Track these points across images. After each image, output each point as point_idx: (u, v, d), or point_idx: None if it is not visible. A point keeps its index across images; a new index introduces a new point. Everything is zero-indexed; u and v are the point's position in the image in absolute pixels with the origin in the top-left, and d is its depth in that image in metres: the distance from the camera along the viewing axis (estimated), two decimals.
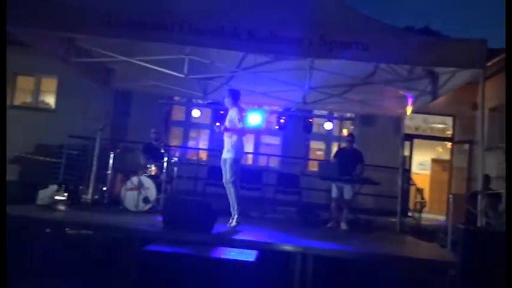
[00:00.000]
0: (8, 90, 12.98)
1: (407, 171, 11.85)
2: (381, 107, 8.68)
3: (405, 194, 10.81)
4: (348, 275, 5.64)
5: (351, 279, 5.60)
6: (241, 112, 6.71)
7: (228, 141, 6.67)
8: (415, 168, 14.92)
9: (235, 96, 6.87)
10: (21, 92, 13.68)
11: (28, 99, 13.68)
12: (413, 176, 13.07)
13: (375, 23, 5.94)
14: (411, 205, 12.12)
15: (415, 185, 11.74)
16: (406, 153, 12.80)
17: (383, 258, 5.38)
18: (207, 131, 13.54)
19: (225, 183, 6.70)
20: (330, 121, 12.83)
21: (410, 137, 13.13)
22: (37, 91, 13.57)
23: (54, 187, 7.18)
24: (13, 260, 5.50)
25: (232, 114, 6.73)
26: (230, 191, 6.63)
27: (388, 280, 5.28)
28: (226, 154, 6.67)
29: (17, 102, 13.52)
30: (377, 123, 12.43)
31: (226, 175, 6.64)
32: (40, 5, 6.04)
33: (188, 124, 13.68)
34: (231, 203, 6.63)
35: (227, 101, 6.86)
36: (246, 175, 10.91)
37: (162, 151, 7.94)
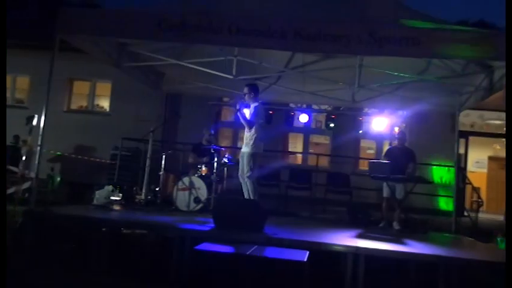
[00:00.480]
0: (65, 95, 13.55)
1: (462, 170, 11.46)
2: (434, 104, 8.43)
3: (461, 193, 10.45)
4: (401, 276, 5.52)
5: (404, 280, 5.47)
6: (257, 107, 6.75)
7: (247, 135, 6.76)
8: (471, 167, 14.40)
9: (255, 91, 6.87)
10: (78, 97, 14.22)
11: (84, 103, 14.20)
12: (469, 175, 12.61)
13: (425, 18, 5.78)
14: (467, 204, 11.71)
15: (471, 183, 11.33)
16: (461, 151, 12.38)
17: (437, 259, 5.22)
18: None
19: (240, 177, 6.76)
20: (380, 119, 12.58)
21: (465, 134, 12.69)
22: (92, 95, 14.06)
23: (110, 188, 7.42)
24: (72, 258, 5.74)
25: (251, 109, 6.80)
26: (246, 186, 6.66)
27: (443, 282, 5.11)
28: (244, 148, 6.77)
29: (74, 106, 14.06)
30: (430, 121, 12.07)
31: (244, 169, 6.68)
32: (91, 12, 6.29)
33: (237, 124, 13.77)
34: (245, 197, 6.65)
35: (247, 97, 6.84)
36: (295, 175, 10.98)
37: (212, 151, 8.04)
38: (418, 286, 5.48)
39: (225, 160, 8.08)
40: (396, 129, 11.86)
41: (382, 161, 7.48)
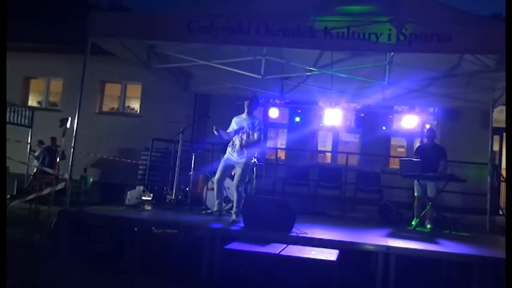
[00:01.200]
0: (97, 98, 13.81)
1: (497, 167, 11.17)
2: (466, 100, 8.26)
3: (495, 191, 10.18)
4: (433, 276, 5.42)
5: (437, 280, 5.38)
6: (261, 123, 6.70)
7: (241, 144, 6.63)
8: (505, 164, 14.01)
9: (256, 104, 6.78)
10: (109, 99, 14.47)
11: (115, 105, 14.45)
12: (504, 172, 12.28)
13: (456, 13, 5.66)
14: (502, 202, 11.40)
15: (505, 181, 11.03)
16: (496, 148, 12.06)
17: (471, 259, 5.11)
18: (285, 131, 13.58)
19: (218, 182, 6.72)
20: (410, 117, 12.38)
21: (499, 131, 12.35)
22: (123, 97, 14.29)
23: (141, 188, 7.54)
24: (105, 257, 5.86)
25: (256, 124, 6.60)
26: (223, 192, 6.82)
27: (477, 282, 5.00)
28: (241, 158, 6.66)
29: (105, 108, 14.32)
30: (462, 117, 11.83)
31: (237, 178, 6.66)
32: (121, 16, 6.41)
33: (266, 124, 13.78)
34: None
35: (248, 109, 6.72)
36: (325, 174, 10.91)
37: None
38: (451, 286, 5.38)
39: (254, 159, 8.09)
40: (427, 126, 11.66)
41: (413, 159, 7.35)
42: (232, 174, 7.07)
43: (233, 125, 6.74)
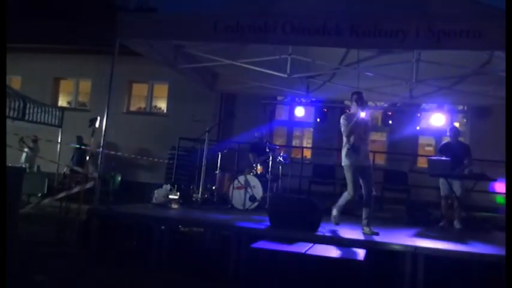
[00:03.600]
0: (125, 97, 14.01)
1: None
2: (497, 98, 8.07)
3: None
4: (462, 277, 5.32)
5: (466, 281, 5.27)
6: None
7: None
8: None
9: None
10: (137, 99, 14.66)
11: (142, 104, 14.63)
12: None
13: (486, 8, 5.54)
14: None
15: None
16: None
17: (502, 260, 4.99)
18: (311, 129, 13.52)
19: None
20: (439, 115, 12.17)
21: None
22: (150, 97, 14.45)
23: (168, 187, 7.62)
24: (133, 254, 5.94)
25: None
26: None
27: (507, 283, 4.88)
28: (368, 161, 6.14)
29: (133, 108, 14.52)
30: (492, 115, 11.56)
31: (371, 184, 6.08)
32: (147, 17, 6.48)
33: (292, 123, 13.75)
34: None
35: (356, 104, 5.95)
36: None
37: (268, 150, 8.07)
38: (480, 287, 5.27)
39: (280, 159, 8.09)
40: (457, 125, 11.44)
41: (441, 158, 7.22)
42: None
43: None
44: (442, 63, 6.95)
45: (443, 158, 7.14)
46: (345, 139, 5.93)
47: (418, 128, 11.91)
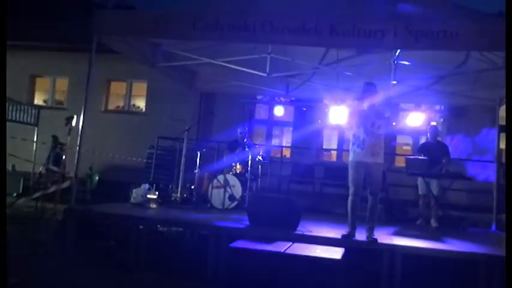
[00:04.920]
0: (103, 96, 13.84)
1: (503, 165, 11.10)
2: (473, 98, 8.21)
3: (502, 189, 10.14)
4: (439, 275, 5.39)
5: (443, 279, 5.34)
6: None
7: (374, 143, 5.62)
8: (506, 164, 13.89)
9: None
10: (115, 97, 14.50)
11: (121, 103, 14.48)
12: None
13: (463, 10, 5.63)
14: None
15: (506, 181, 10.96)
16: (502, 145, 11.99)
17: (478, 258, 5.08)
18: (290, 129, 13.55)
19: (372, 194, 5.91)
20: (416, 114, 12.32)
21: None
22: (129, 96, 14.31)
23: (146, 186, 7.54)
24: (110, 255, 5.87)
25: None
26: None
27: (484, 281, 4.97)
28: (379, 158, 5.76)
29: (111, 106, 14.35)
30: (468, 115, 11.76)
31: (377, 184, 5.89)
32: (126, 14, 6.40)
33: (271, 122, 13.77)
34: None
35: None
36: (330, 172, 10.87)
37: (247, 149, 8.05)
38: (458, 285, 5.35)
39: (259, 157, 8.08)
40: (433, 123, 11.61)
41: (419, 157, 7.31)
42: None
43: None
44: (420, 64, 7.02)
45: (421, 157, 7.23)
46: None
47: (394, 123, 12.03)
